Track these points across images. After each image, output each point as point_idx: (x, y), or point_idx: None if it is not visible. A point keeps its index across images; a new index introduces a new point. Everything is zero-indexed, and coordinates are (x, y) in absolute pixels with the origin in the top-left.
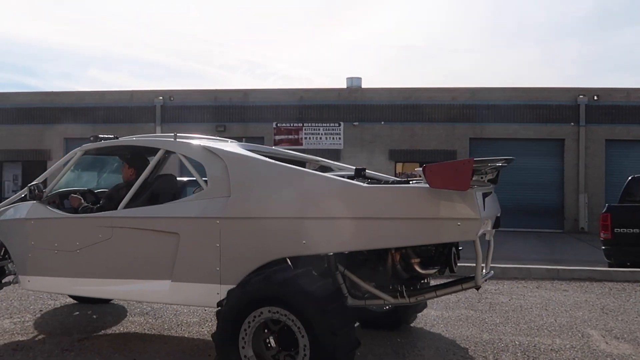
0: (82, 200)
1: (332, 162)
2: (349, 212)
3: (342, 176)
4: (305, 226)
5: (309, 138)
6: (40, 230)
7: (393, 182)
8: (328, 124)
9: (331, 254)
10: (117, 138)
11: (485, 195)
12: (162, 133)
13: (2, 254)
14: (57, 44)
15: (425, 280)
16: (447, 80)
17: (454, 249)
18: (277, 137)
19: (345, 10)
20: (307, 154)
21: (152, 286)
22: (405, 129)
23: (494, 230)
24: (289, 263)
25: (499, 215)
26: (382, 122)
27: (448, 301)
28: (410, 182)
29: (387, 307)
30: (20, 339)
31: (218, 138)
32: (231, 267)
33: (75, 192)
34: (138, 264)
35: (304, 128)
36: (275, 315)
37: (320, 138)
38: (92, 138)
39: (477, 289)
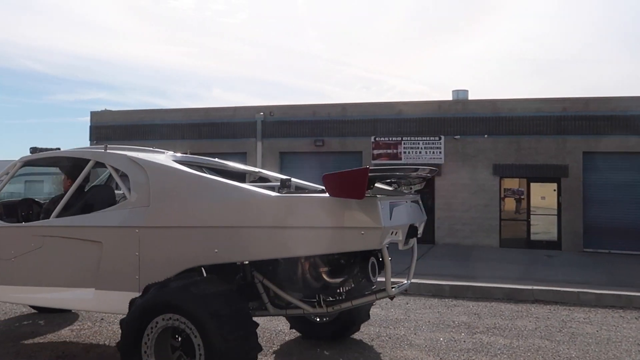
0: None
1: (271, 173)
2: (256, 222)
3: (269, 187)
4: (216, 235)
5: (408, 152)
6: None
7: (320, 192)
8: (428, 138)
9: (246, 262)
10: (59, 149)
11: (394, 205)
12: (262, 148)
13: None
14: (183, 66)
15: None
16: (562, 91)
17: (373, 259)
18: (376, 152)
19: (465, 25)
20: None
21: (78, 294)
22: (510, 142)
23: (413, 239)
24: (203, 272)
25: (416, 224)
26: (486, 135)
27: (522, 329)
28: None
29: (326, 319)
30: (68, 347)
31: (155, 149)
32: (149, 275)
33: (17, 202)
34: (66, 272)
35: (402, 142)
36: (170, 322)
37: (420, 152)
38: (31, 149)
39: (391, 299)
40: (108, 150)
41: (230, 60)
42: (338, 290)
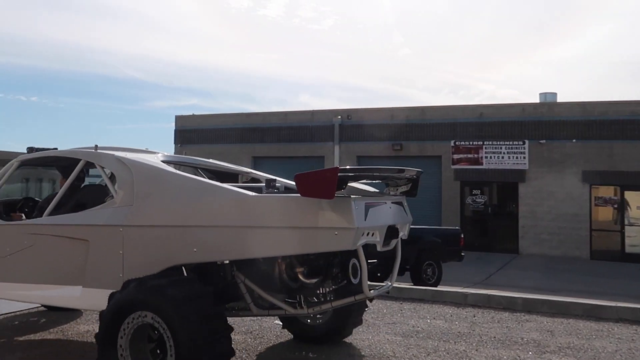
0: (23, 216)
1: (262, 174)
2: (231, 221)
3: (258, 188)
4: (193, 234)
5: (490, 157)
6: None
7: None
8: (511, 142)
9: (226, 262)
10: (56, 149)
11: (370, 205)
12: (339, 152)
13: None
14: (272, 72)
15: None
16: None
17: (354, 260)
18: (456, 156)
19: (557, 26)
20: (489, 174)
21: (66, 292)
22: (602, 147)
23: (394, 241)
24: (184, 271)
25: (397, 226)
26: (574, 140)
27: (600, 351)
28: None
29: (319, 321)
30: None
31: (145, 150)
32: (133, 273)
33: (16, 200)
34: (55, 270)
35: (484, 146)
36: (145, 320)
37: (502, 157)
38: (27, 149)
39: (370, 300)
40: (98, 150)
41: (317, 67)
42: (318, 292)
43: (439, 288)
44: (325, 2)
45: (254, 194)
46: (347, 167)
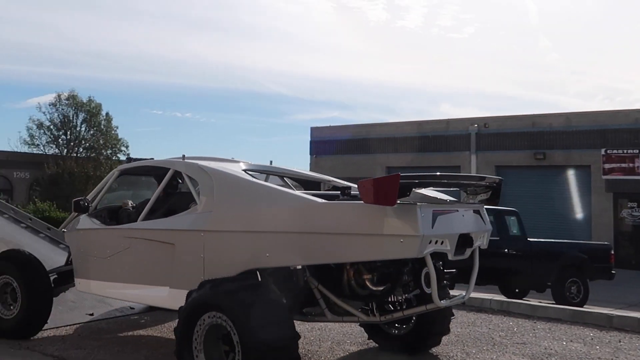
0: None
1: (345, 182)
2: (298, 227)
3: (332, 196)
4: (265, 240)
5: None
6: (85, 239)
7: None
8: None
9: (299, 267)
10: (152, 159)
11: (438, 213)
12: (476, 161)
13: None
14: (411, 83)
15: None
16: None
17: (427, 269)
18: (607, 166)
19: None
20: None
21: (156, 292)
22: None
23: (469, 250)
24: (258, 275)
25: (471, 234)
26: None
27: None
28: None
29: (402, 332)
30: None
31: (230, 159)
32: (212, 276)
33: (118, 206)
34: (147, 271)
35: None
36: (216, 320)
37: None
38: (127, 159)
39: (446, 310)
40: (185, 160)
41: (458, 75)
42: (391, 299)
43: (581, 308)
44: (465, 10)
45: (322, 200)
46: (411, 174)
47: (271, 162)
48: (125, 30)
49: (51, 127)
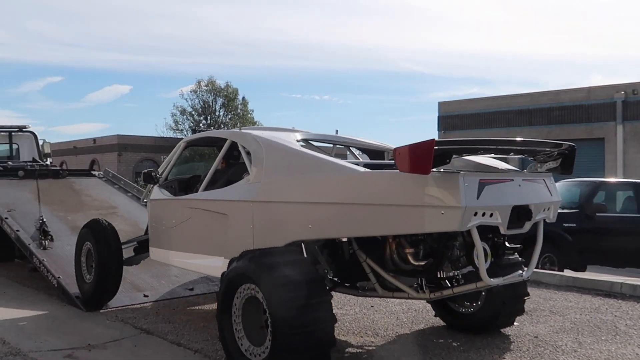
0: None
1: None
2: (339, 198)
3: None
4: (307, 211)
5: None
6: (156, 209)
7: None
8: None
9: (344, 240)
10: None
11: (486, 182)
12: (623, 133)
13: None
14: (557, 55)
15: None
16: None
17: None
18: None
19: None
20: None
21: (212, 262)
22: None
23: (529, 223)
24: (302, 247)
25: (530, 206)
26: None
27: None
28: None
29: (470, 310)
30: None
31: (289, 129)
32: (261, 247)
33: (185, 177)
34: (205, 241)
35: None
36: (253, 292)
37: None
38: (191, 131)
39: (519, 288)
40: (241, 130)
41: (610, 43)
42: (443, 275)
43: None
44: None
45: (362, 170)
46: (451, 139)
47: (337, 131)
48: (264, 18)
49: (192, 112)
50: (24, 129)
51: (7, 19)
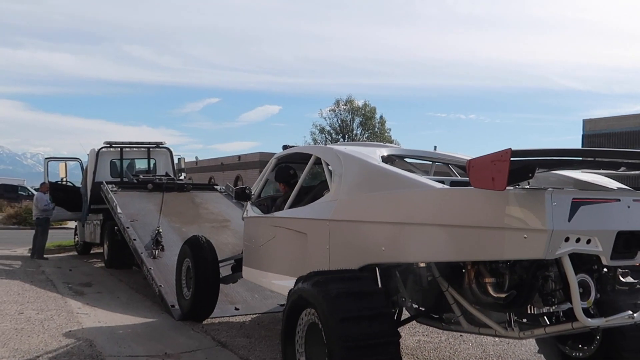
0: None
1: None
2: (412, 218)
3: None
4: (380, 232)
5: None
6: (248, 227)
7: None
8: None
9: (422, 265)
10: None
11: (582, 202)
12: None
13: None
14: None
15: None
16: None
17: (584, 276)
18: None
19: None
20: None
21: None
22: None
23: None
24: (377, 272)
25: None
26: None
27: None
28: None
29: (580, 354)
30: None
31: (378, 144)
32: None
33: (278, 195)
34: (287, 261)
35: None
36: (312, 318)
37: None
38: (283, 147)
39: (594, 330)
40: (325, 146)
41: None
42: (532, 311)
43: None
44: None
45: (440, 186)
46: (533, 149)
47: (435, 147)
48: (412, 37)
49: (331, 131)
50: (160, 145)
51: (172, 46)
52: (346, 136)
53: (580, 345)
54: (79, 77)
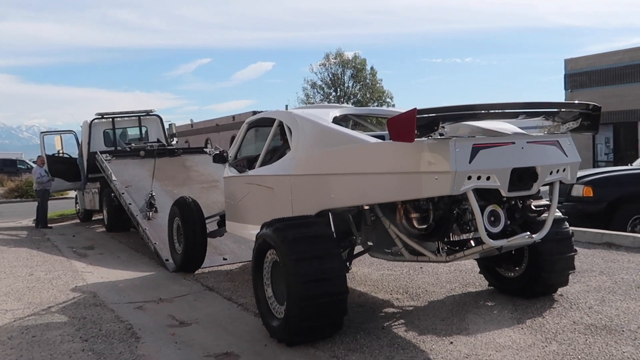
0: None
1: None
2: (352, 168)
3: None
4: (327, 182)
5: None
6: (227, 186)
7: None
8: None
9: (366, 207)
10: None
11: (480, 146)
12: None
13: None
14: None
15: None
16: None
17: (492, 208)
18: None
19: None
20: None
21: None
22: None
23: (537, 184)
24: (330, 216)
25: (537, 168)
26: None
27: None
28: None
29: (512, 274)
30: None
31: (334, 105)
32: None
33: (254, 156)
34: (258, 213)
35: None
36: (275, 257)
37: None
38: (252, 113)
39: (499, 250)
40: (286, 110)
41: None
42: (453, 238)
43: None
44: None
45: (372, 140)
46: (438, 106)
47: (388, 105)
48: None
49: (323, 85)
50: (150, 113)
51: (159, 7)
52: (338, 89)
53: (511, 266)
54: (67, 45)
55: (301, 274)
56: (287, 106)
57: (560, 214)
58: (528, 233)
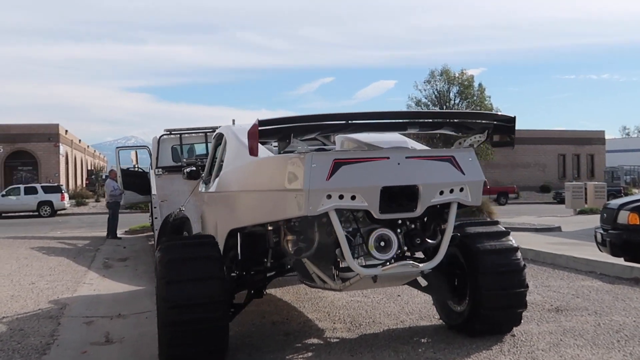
0: None
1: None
2: (241, 186)
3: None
4: (231, 200)
5: None
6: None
7: None
8: None
9: (270, 228)
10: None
11: (343, 162)
12: None
13: None
14: None
15: None
16: None
17: (383, 232)
18: None
19: None
20: None
21: None
22: None
23: (420, 205)
24: (238, 237)
25: (417, 185)
26: None
27: None
28: None
29: (459, 308)
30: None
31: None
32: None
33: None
34: (205, 230)
35: None
36: None
37: None
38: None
39: (374, 280)
40: (227, 125)
41: None
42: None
43: None
44: None
45: (264, 156)
46: (278, 117)
47: (234, 121)
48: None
49: (428, 103)
50: (216, 129)
51: (284, 29)
52: (444, 107)
53: (458, 300)
54: (199, 66)
55: (168, 299)
56: (234, 121)
57: (512, 242)
58: (411, 262)
